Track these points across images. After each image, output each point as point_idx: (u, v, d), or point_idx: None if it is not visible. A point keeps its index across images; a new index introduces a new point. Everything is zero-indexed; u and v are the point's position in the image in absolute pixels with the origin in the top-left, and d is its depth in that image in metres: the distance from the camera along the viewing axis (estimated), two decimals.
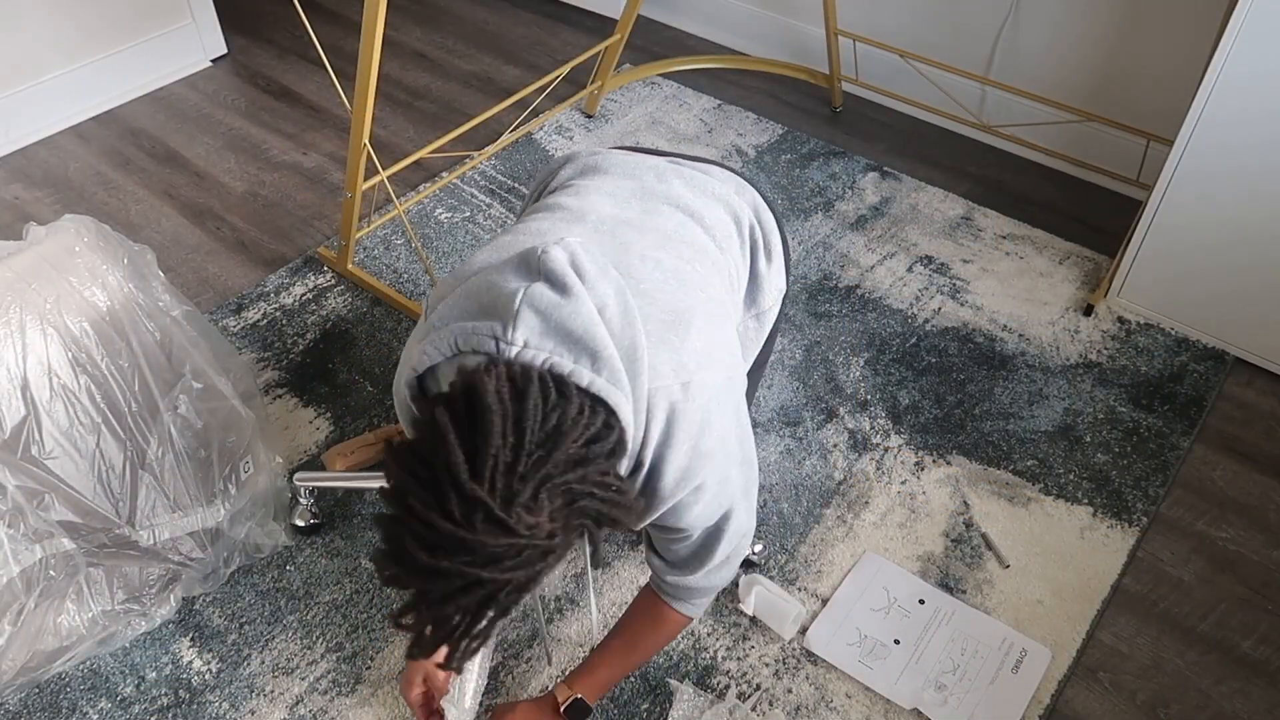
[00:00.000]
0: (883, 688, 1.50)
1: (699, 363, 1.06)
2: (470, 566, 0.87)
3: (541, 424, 0.90)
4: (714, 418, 1.08)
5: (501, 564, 0.88)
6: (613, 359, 0.98)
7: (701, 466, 1.07)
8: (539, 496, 0.88)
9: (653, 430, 1.03)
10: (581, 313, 0.99)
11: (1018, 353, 2.00)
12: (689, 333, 1.07)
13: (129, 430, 1.50)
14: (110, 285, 1.53)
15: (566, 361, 0.97)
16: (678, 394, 1.04)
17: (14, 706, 1.46)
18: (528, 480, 0.88)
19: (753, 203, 1.32)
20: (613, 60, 2.49)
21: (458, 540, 0.86)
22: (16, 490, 1.39)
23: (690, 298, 1.10)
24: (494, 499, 0.86)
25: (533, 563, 0.90)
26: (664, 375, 1.03)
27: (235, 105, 2.68)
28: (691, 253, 1.17)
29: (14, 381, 1.41)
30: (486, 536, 0.87)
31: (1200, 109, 1.77)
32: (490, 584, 0.89)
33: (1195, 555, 1.68)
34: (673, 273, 1.12)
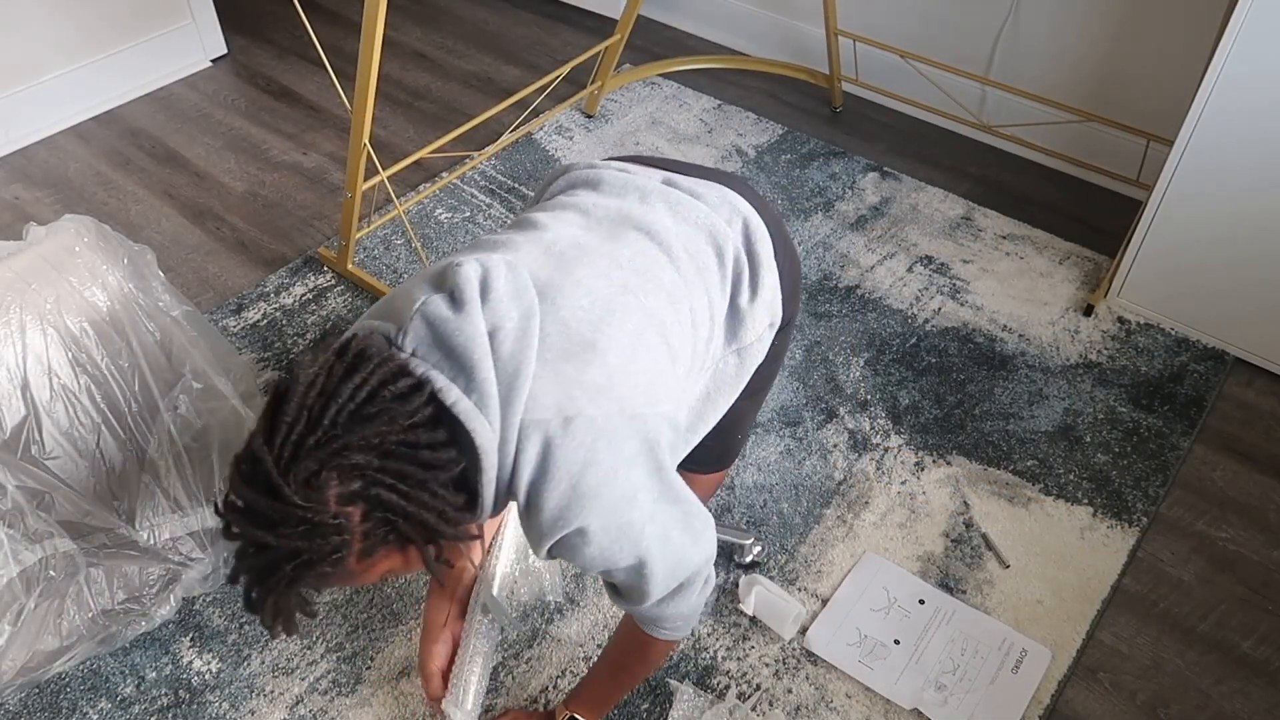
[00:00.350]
0: (883, 688, 1.50)
1: (591, 398, 1.00)
2: (249, 525, 0.90)
3: (354, 408, 0.91)
4: (602, 458, 1.00)
5: (277, 529, 0.89)
6: (485, 383, 0.97)
7: (583, 508, 1.00)
8: (321, 473, 0.89)
9: (523, 463, 1.00)
10: (465, 331, 0.98)
11: (1018, 353, 2.00)
12: (589, 365, 1.02)
13: (129, 430, 1.50)
14: (110, 285, 1.53)
15: (442, 377, 0.97)
16: (555, 429, 0.99)
17: (14, 706, 1.46)
18: (311, 455, 0.89)
19: (744, 231, 1.24)
20: (613, 60, 2.49)
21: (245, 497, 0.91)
22: (16, 490, 1.39)
23: (612, 330, 1.05)
24: (276, 465, 0.89)
25: (314, 537, 0.90)
26: (545, 408, 0.99)
27: (235, 105, 2.68)
28: (639, 282, 1.10)
29: (14, 381, 1.41)
30: (263, 500, 0.89)
31: (1200, 109, 1.77)
32: (270, 549, 0.90)
33: (1195, 555, 1.68)
34: (603, 301, 1.06)
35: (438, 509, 0.95)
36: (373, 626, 1.56)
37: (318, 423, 0.90)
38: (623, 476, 1.02)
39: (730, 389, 1.26)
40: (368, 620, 1.57)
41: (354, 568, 0.94)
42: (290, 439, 0.89)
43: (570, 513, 1.00)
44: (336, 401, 0.90)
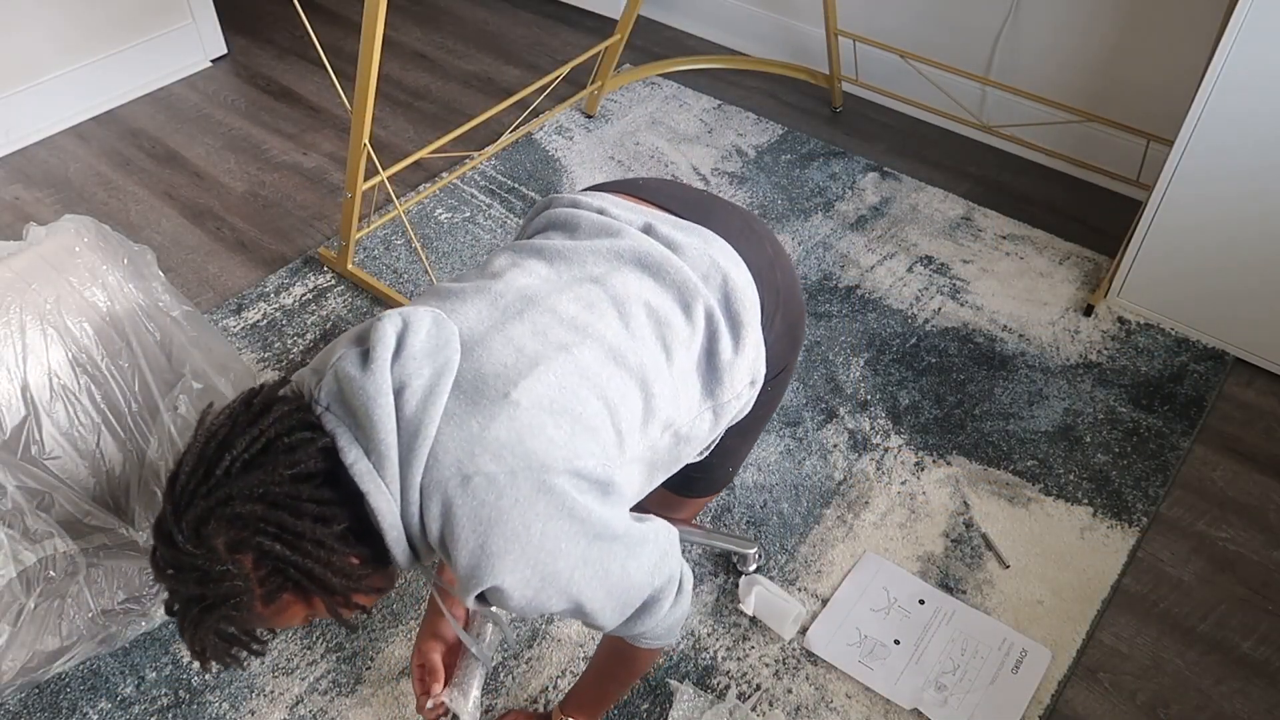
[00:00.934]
0: (883, 688, 1.50)
1: (494, 454, 0.98)
2: (157, 568, 0.96)
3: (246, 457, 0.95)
4: (507, 516, 0.97)
5: (176, 576, 0.94)
6: (383, 444, 0.97)
7: (493, 566, 0.98)
8: (209, 521, 0.93)
9: (429, 522, 0.99)
10: (367, 390, 0.98)
11: (1018, 353, 2.00)
12: (494, 420, 0.99)
13: (129, 430, 1.50)
14: (110, 285, 1.53)
15: (346, 435, 0.99)
16: (454, 488, 0.98)
17: (14, 707, 1.46)
18: (199, 503, 0.93)
19: (723, 288, 1.18)
20: (613, 60, 2.49)
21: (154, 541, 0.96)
22: (16, 490, 1.39)
23: (530, 384, 1.02)
24: (170, 512, 0.94)
25: (208, 583, 0.93)
26: (445, 466, 0.98)
27: (235, 105, 2.68)
28: (577, 339, 1.08)
29: (14, 382, 1.41)
30: (161, 544, 0.95)
31: (1200, 109, 1.77)
32: (174, 591, 0.96)
33: (1195, 555, 1.68)
34: (529, 357, 1.04)
35: (325, 560, 0.96)
36: (373, 626, 1.56)
37: (210, 472, 0.94)
38: (536, 530, 0.99)
39: (702, 441, 1.22)
40: (368, 620, 1.57)
41: (261, 611, 0.97)
42: (187, 487, 0.94)
43: (481, 570, 0.98)
44: (231, 451, 0.94)
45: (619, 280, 1.14)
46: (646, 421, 1.11)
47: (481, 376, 1.02)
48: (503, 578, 0.99)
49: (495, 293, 1.12)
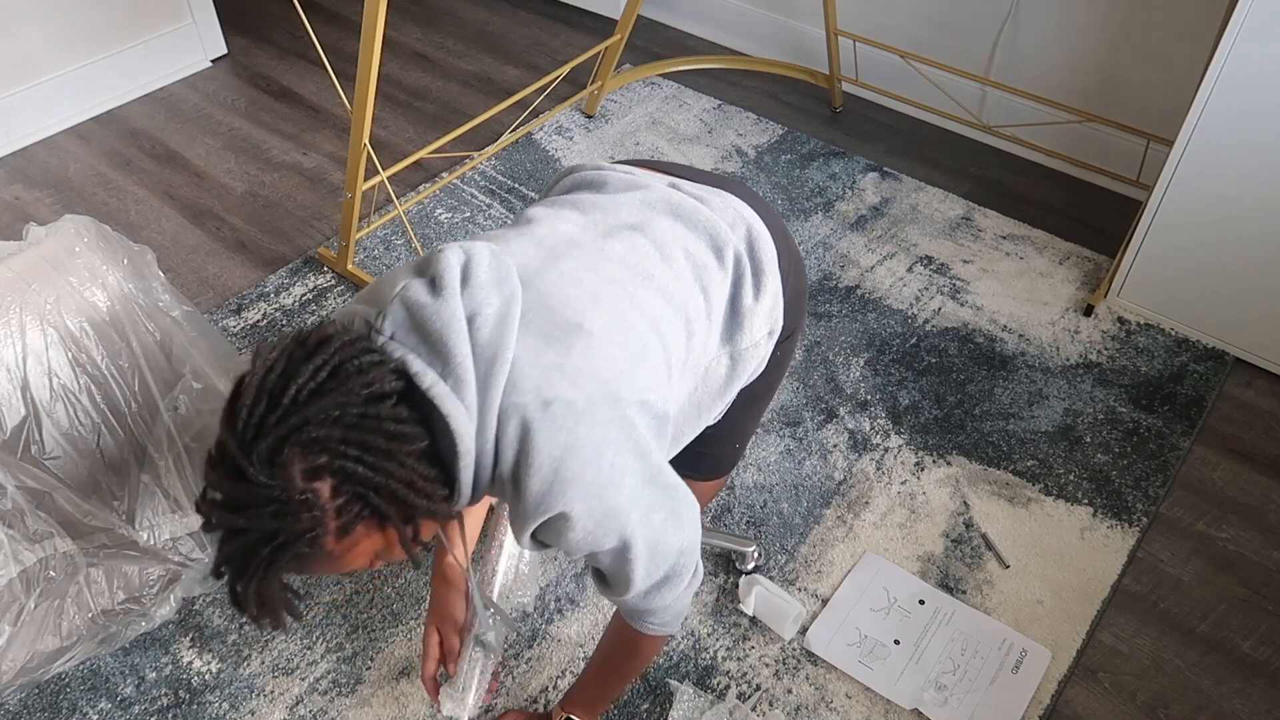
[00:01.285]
0: (883, 688, 1.50)
1: (571, 381, 1.00)
2: (221, 511, 0.90)
3: (314, 385, 0.90)
4: (583, 443, 1.00)
5: (245, 512, 0.89)
6: (461, 368, 0.97)
7: (565, 492, 0.99)
8: (284, 449, 0.88)
9: (505, 448, 1.00)
10: (442, 316, 0.98)
11: (1018, 353, 2.00)
12: (571, 349, 1.02)
13: (129, 430, 1.51)
14: (110, 285, 1.53)
15: (419, 361, 0.97)
16: (534, 412, 0.99)
17: (14, 707, 1.46)
18: (272, 432, 0.88)
19: (747, 236, 1.23)
20: (613, 61, 2.49)
21: (213, 482, 0.91)
22: (16, 490, 1.39)
23: (596, 315, 1.05)
24: (238, 445, 0.88)
25: (285, 516, 0.89)
26: (523, 391, 0.99)
27: (235, 106, 2.68)
28: (629, 275, 1.11)
29: (14, 382, 1.41)
30: (228, 481, 0.89)
31: (1200, 109, 1.77)
32: (243, 533, 0.90)
33: (1195, 556, 1.68)
34: (590, 291, 1.07)
35: (407, 479, 0.94)
36: (373, 626, 1.56)
37: (277, 402, 0.89)
38: (607, 460, 1.02)
39: (719, 393, 1.24)
40: (368, 620, 1.57)
41: (333, 548, 0.93)
42: (250, 420, 0.89)
43: (552, 497, 1.00)
44: (296, 381, 0.90)
45: (656, 227, 1.18)
46: (685, 363, 1.15)
47: (547, 307, 1.04)
48: (572, 505, 1.01)
49: (538, 236, 1.14)
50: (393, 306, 1.01)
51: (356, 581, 1.61)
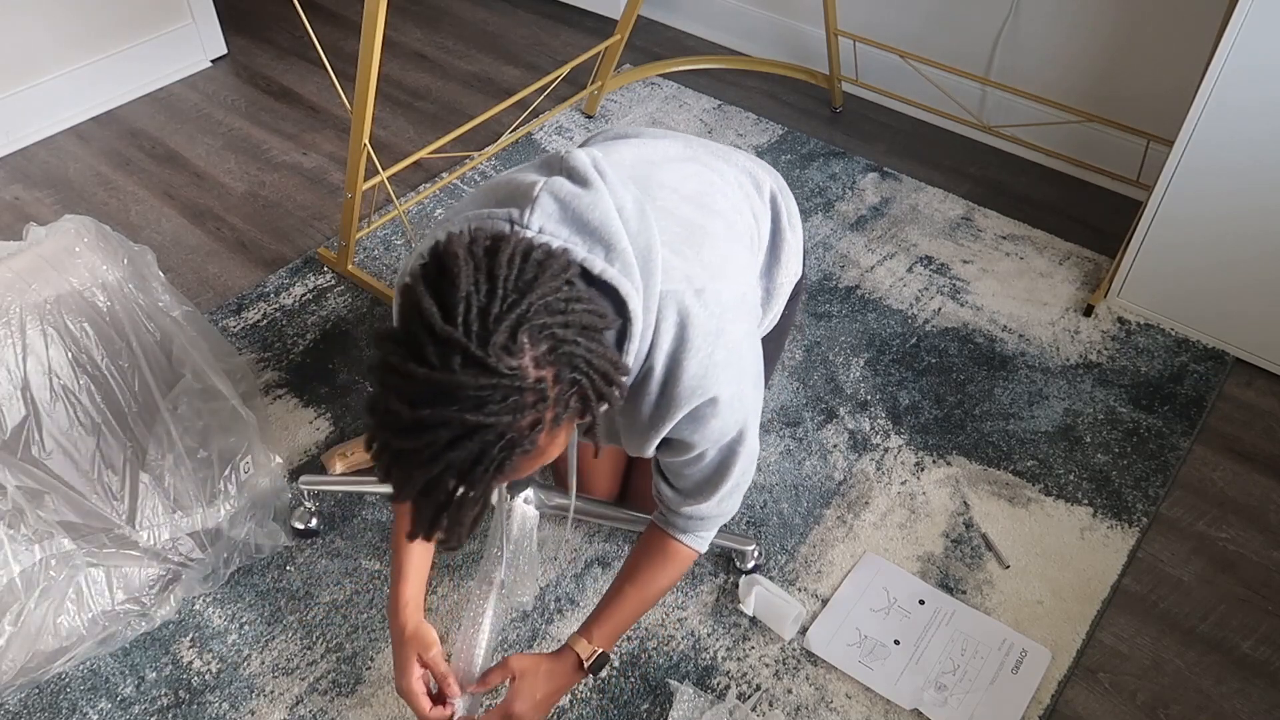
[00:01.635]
0: (883, 688, 1.50)
1: (712, 274, 1.07)
2: (458, 413, 0.84)
3: (518, 274, 0.88)
4: (728, 328, 1.07)
5: (486, 407, 0.84)
6: (626, 252, 0.98)
7: (716, 377, 1.06)
8: (517, 336, 0.85)
9: (663, 333, 1.03)
10: (600, 205, 0.99)
11: (1018, 353, 2.00)
12: (703, 247, 1.09)
13: (129, 430, 1.51)
14: (110, 286, 1.53)
15: (580, 250, 0.97)
16: (690, 299, 1.04)
17: (14, 707, 1.46)
18: (503, 320, 0.85)
19: (775, 178, 1.34)
20: (613, 61, 2.49)
21: (437, 385, 0.84)
22: (16, 490, 1.39)
23: (708, 219, 1.13)
24: (469, 339, 0.84)
25: (521, 409, 0.86)
26: (676, 280, 1.04)
27: (235, 106, 2.68)
28: (713, 189, 1.20)
29: (14, 382, 1.41)
30: (466, 377, 0.84)
31: (1200, 109, 1.77)
32: (481, 431, 0.85)
33: (1195, 556, 1.68)
34: (692, 196, 1.14)
35: (612, 361, 0.94)
36: (373, 627, 1.56)
37: (494, 293, 0.86)
38: (745, 349, 1.10)
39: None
40: (368, 620, 1.57)
41: (543, 444, 0.91)
42: (473, 313, 0.85)
43: (707, 381, 1.05)
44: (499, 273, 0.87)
45: (705, 161, 1.25)
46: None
47: (664, 209, 1.09)
48: (722, 389, 1.06)
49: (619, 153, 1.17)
50: (541, 200, 0.99)
51: (356, 582, 1.61)
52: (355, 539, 1.67)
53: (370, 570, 1.63)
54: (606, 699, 1.48)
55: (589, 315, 0.92)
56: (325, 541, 1.67)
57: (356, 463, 1.74)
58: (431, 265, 0.88)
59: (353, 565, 1.64)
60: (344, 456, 1.74)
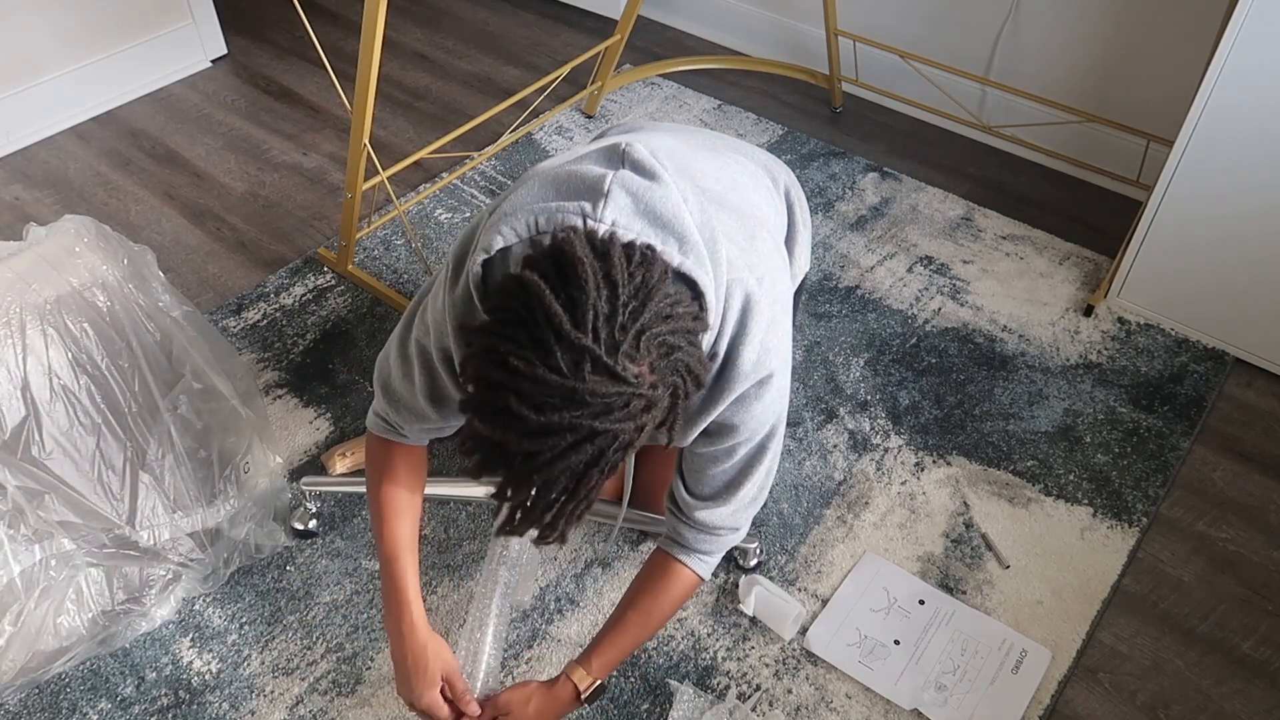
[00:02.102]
0: (883, 688, 1.50)
1: (768, 263, 1.12)
2: (583, 419, 0.86)
3: (629, 279, 0.90)
4: (780, 316, 1.11)
5: (612, 414, 0.87)
6: (698, 245, 1.00)
7: (769, 361, 1.09)
8: (640, 344, 0.88)
9: (729, 319, 1.06)
10: (671, 198, 1.01)
11: (1018, 353, 2.00)
12: (755, 237, 1.13)
13: (129, 430, 1.50)
14: (110, 286, 1.53)
15: (655, 243, 0.98)
16: (753, 286, 1.07)
17: (14, 707, 1.46)
18: (628, 329, 0.88)
19: (787, 172, 1.37)
20: (613, 61, 2.49)
21: (569, 392, 0.86)
22: (16, 490, 1.39)
23: (750, 210, 1.17)
24: (600, 347, 0.86)
25: (638, 414, 0.89)
26: (739, 268, 1.07)
27: (235, 106, 2.68)
28: (743, 181, 1.22)
29: (14, 382, 1.41)
30: (596, 385, 0.86)
31: (1200, 109, 1.77)
32: (600, 437, 0.88)
33: (1195, 556, 1.68)
34: (731, 188, 1.17)
35: (703, 362, 0.97)
36: (373, 627, 1.56)
37: (615, 299, 0.88)
38: (789, 341, 1.16)
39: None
40: (368, 620, 1.57)
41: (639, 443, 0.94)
42: (600, 320, 0.87)
43: (762, 363, 1.08)
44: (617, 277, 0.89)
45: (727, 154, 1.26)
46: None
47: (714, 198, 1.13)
48: (774, 369, 1.10)
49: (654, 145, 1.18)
50: (614, 194, 1.00)
51: (356, 582, 1.61)
52: (355, 539, 1.67)
53: (370, 570, 1.63)
54: (607, 698, 1.48)
55: (692, 320, 0.95)
56: (325, 542, 1.67)
57: (357, 462, 1.74)
58: (548, 265, 0.89)
59: (353, 565, 1.64)
60: (344, 456, 1.74)
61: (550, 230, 0.99)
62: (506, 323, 0.89)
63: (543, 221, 1.00)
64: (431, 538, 1.67)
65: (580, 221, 0.98)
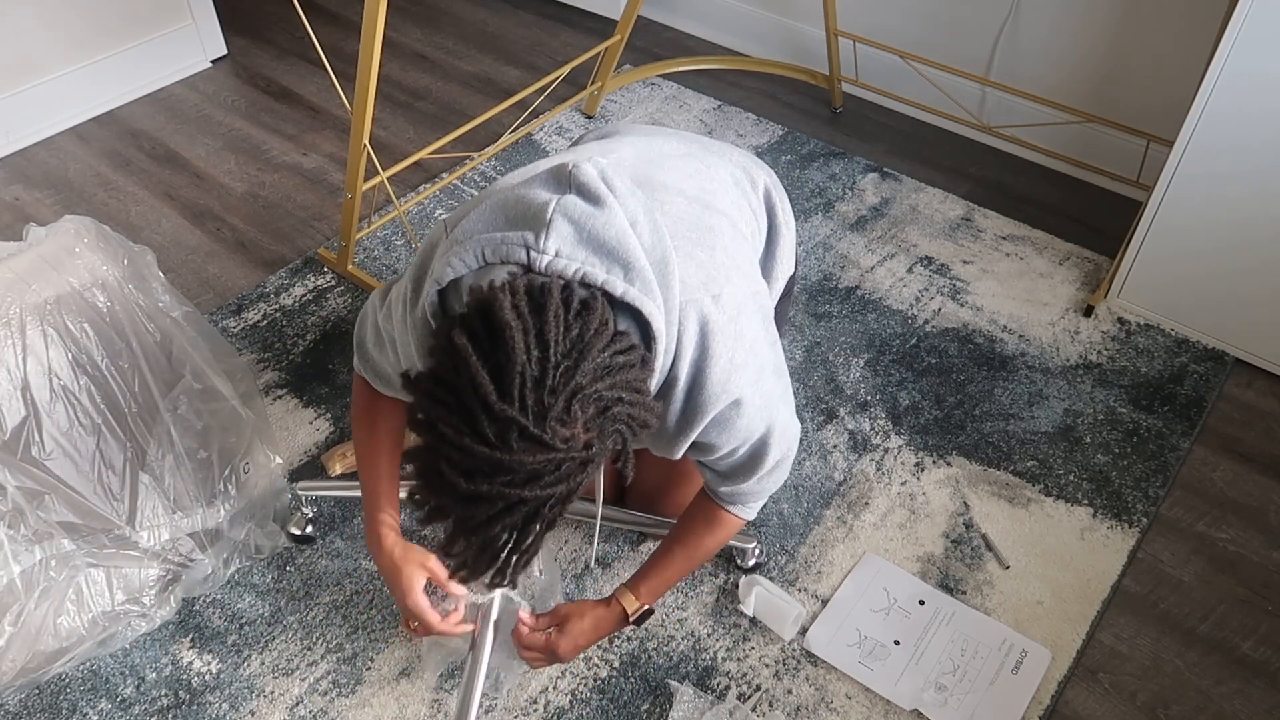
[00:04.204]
0: (883, 689, 1.50)
1: (726, 276, 1.08)
2: (510, 487, 0.87)
3: (565, 334, 0.89)
4: (745, 329, 1.08)
5: (541, 480, 0.87)
6: (645, 270, 0.98)
7: (739, 379, 1.07)
8: (571, 409, 0.87)
9: (685, 343, 1.04)
10: (615, 223, 0.99)
11: (1018, 354, 2.00)
12: (715, 249, 1.10)
13: (129, 431, 1.50)
14: (110, 286, 1.53)
15: (599, 272, 0.96)
16: (709, 306, 1.05)
17: (14, 708, 1.46)
18: (558, 393, 0.86)
19: (767, 172, 1.35)
20: (613, 61, 2.49)
21: (494, 462, 0.86)
22: (16, 491, 1.39)
23: (714, 218, 1.13)
24: (526, 416, 0.85)
25: (572, 475, 0.89)
26: (693, 288, 1.04)
27: (235, 106, 2.68)
28: (713, 186, 1.20)
29: (14, 382, 1.41)
30: (523, 455, 0.86)
31: (1200, 109, 1.77)
32: (532, 501, 0.88)
33: (1195, 556, 1.68)
34: (695, 198, 1.14)
35: (651, 409, 0.95)
36: (372, 627, 1.56)
37: (546, 362, 0.87)
38: (761, 348, 1.11)
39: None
40: (367, 621, 1.57)
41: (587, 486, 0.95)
42: (528, 387, 0.86)
43: (731, 384, 1.06)
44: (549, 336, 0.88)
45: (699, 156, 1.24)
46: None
47: (672, 214, 1.10)
48: (745, 390, 1.08)
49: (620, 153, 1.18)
50: (555, 223, 0.98)
51: (356, 582, 1.61)
52: (355, 540, 1.67)
53: (370, 570, 1.63)
54: (606, 699, 1.48)
55: (635, 369, 0.93)
56: (325, 542, 1.67)
57: (356, 463, 1.74)
58: (478, 325, 0.89)
59: (353, 566, 1.64)
60: (343, 457, 1.74)
61: (498, 260, 0.99)
62: (439, 382, 0.89)
63: (489, 252, 1.00)
64: (431, 537, 1.67)
65: (524, 253, 0.97)
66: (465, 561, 0.94)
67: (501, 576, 0.95)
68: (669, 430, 1.12)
